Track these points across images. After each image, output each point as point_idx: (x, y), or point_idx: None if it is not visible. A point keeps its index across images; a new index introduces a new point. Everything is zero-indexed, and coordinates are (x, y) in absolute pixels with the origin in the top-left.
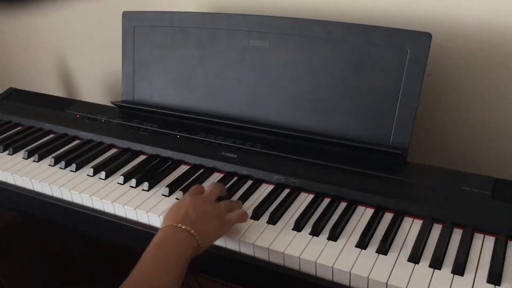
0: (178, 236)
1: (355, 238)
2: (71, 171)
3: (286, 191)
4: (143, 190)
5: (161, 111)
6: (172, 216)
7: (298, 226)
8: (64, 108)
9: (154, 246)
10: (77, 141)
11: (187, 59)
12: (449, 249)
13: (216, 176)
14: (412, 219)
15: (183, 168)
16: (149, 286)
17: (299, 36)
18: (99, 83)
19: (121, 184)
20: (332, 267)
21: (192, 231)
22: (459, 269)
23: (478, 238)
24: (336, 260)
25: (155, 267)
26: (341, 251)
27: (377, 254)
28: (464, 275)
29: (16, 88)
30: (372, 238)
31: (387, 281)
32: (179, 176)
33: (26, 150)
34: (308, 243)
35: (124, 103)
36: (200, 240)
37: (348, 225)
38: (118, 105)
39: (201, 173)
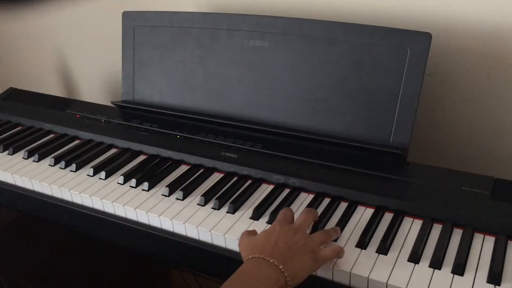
0: (264, 271)
1: (355, 238)
2: (71, 171)
3: (286, 191)
4: (143, 190)
5: (161, 111)
6: (260, 246)
7: None
8: (64, 108)
9: (237, 279)
10: (77, 141)
11: (187, 59)
12: (449, 249)
13: (216, 176)
14: (412, 219)
15: (183, 168)
16: None
17: (299, 36)
18: (99, 83)
19: (121, 184)
20: (332, 267)
21: (280, 266)
22: (459, 269)
23: (478, 238)
24: (336, 260)
25: None
26: None
27: (377, 254)
28: (464, 275)
29: (16, 88)
30: (372, 238)
31: (387, 281)
32: (179, 176)
33: (26, 150)
34: None
35: (124, 103)
36: (289, 277)
37: (348, 225)
38: (118, 105)
39: (201, 173)
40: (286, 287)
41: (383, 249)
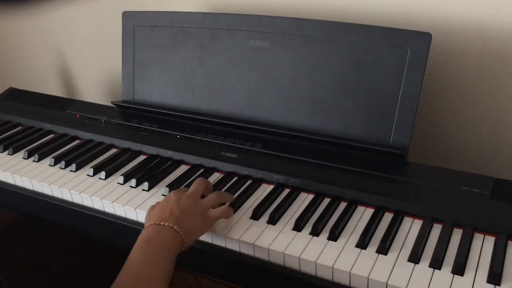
0: (162, 233)
1: (355, 238)
2: (71, 171)
3: (286, 191)
4: (143, 190)
5: (161, 111)
6: (157, 214)
7: (298, 226)
8: (64, 108)
9: (141, 244)
10: (77, 141)
11: (187, 59)
12: (449, 249)
13: (216, 176)
14: (412, 219)
15: (183, 168)
16: (141, 283)
17: (299, 36)
18: (99, 83)
19: (121, 184)
20: (332, 267)
21: (175, 227)
22: (459, 269)
23: (478, 238)
24: (336, 260)
25: (144, 264)
26: (341, 251)
27: (377, 254)
28: (464, 275)
29: (16, 88)
30: (372, 238)
31: (387, 281)
32: (179, 176)
33: (26, 150)
34: (308, 243)
35: (124, 103)
36: (184, 235)
37: (348, 225)
38: (118, 105)
39: (201, 173)
40: (183, 244)
41: (383, 249)
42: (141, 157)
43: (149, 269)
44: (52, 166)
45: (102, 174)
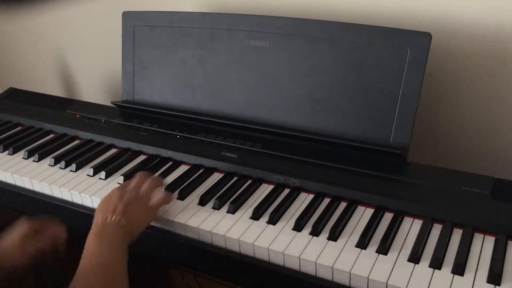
0: (110, 227)
1: (355, 238)
2: (71, 171)
3: (286, 191)
4: None
5: (161, 111)
6: (103, 210)
7: (298, 226)
8: (64, 108)
9: (93, 237)
10: (77, 141)
11: (187, 59)
12: (449, 249)
13: (216, 176)
14: (412, 219)
15: (183, 168)
16: (105, 271)
17: (299, 36)
18: (99, 83)
19: (121, 184)
20: (332, 267)
21: (122, 220)
22: (459, 269)
23: (478, 238)
24: (336, 260)
25: (103, 252)
26: (341, 251)
27: (377, 254)
28: (464, 275)
29: (16, 88)
30: (372, 238)
31: (387, 281)
32: (179, 176)
33: (26, 150)
34: (308, 243)
35: (124, 103)
36: (129, 225)
37: (348, 225)
38: (118, 105)
39: (201, 173)
40: (131, 234)
41: (383, 249)
42: (141, 157)
43: (106, 256)
44: (52, 166)
45: (102, 174)
